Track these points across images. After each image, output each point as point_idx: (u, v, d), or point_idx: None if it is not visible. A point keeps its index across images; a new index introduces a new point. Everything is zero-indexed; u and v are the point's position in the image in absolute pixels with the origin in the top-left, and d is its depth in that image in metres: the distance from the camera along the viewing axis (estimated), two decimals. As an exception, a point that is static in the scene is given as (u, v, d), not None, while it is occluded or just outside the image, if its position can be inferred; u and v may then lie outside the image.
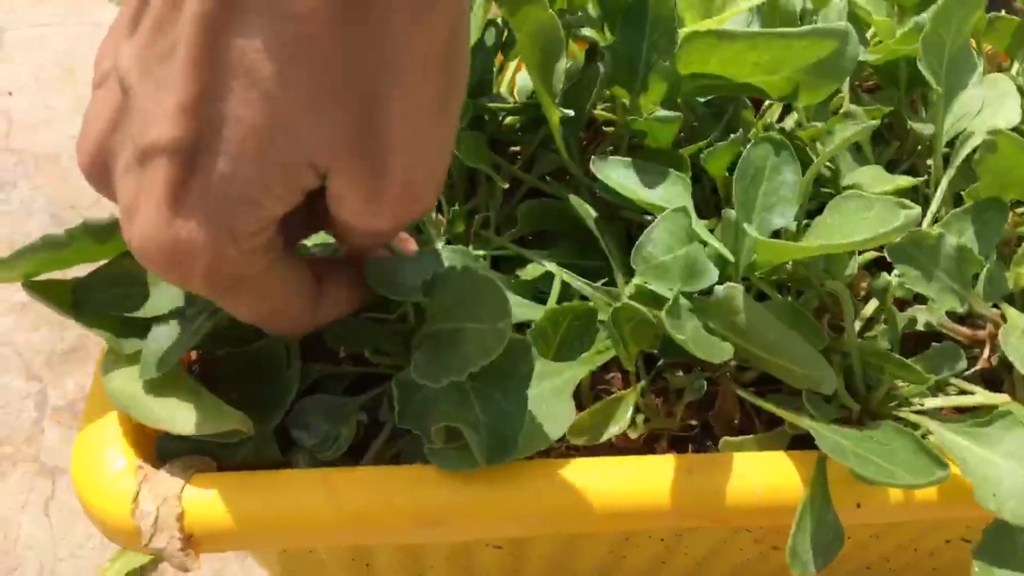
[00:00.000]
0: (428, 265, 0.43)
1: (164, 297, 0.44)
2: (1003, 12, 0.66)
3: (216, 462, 0.44)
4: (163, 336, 0.43)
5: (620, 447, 0.49)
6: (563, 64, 0.45)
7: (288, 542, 0.41)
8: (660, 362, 0.51)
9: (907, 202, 0.39)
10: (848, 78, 0.57)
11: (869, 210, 0.42)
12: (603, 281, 0.52)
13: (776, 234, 0.48)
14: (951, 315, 0.48)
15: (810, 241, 0.41)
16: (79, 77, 1.09)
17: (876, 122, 0.45)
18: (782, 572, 0.62)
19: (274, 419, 0.44)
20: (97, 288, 0.43)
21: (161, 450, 0.44)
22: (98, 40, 0.35)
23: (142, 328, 0.43)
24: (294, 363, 0.45)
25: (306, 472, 0.42)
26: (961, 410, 0.47)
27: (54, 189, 0.96)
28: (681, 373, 0.50)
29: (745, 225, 0.43)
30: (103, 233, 0.41)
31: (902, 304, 0.50)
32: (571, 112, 0.47)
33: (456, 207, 0.54)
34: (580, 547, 0.53)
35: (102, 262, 0.44)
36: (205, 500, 0.40)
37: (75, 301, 0.43)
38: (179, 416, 0.40)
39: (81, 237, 0.40)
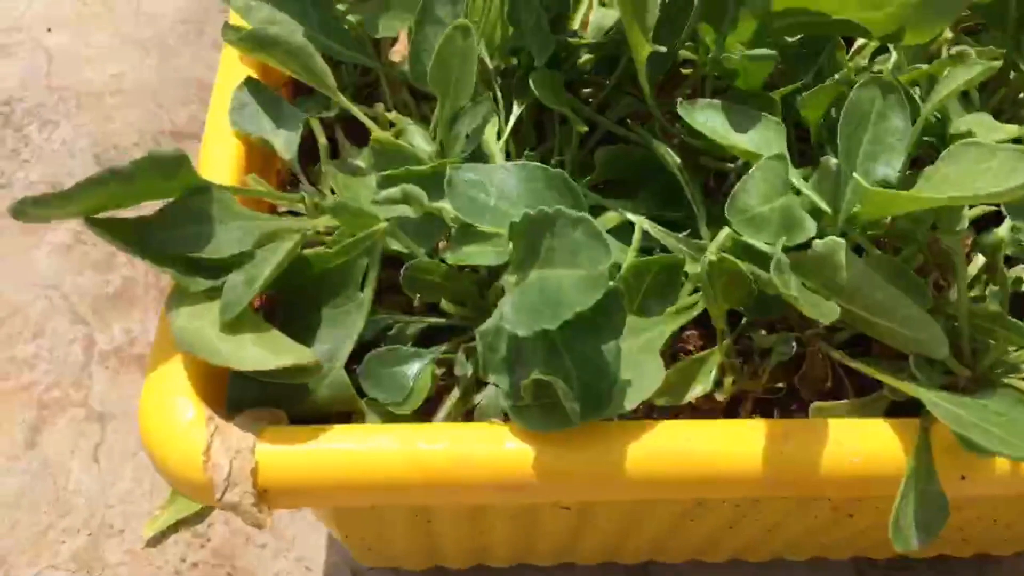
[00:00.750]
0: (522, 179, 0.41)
1: (232, 237, 0.42)
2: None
3: (289, 409, 0.42)
4: (238, 280, 0.40)
5: (702, 409, 0.46)
6: (658, -2, 0.41)
7: (363, 500, 0.40)
8: (743, 320, 0.48)
9: (1042, 153, 0.35)
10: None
11: (991, 160, 0.39)
12: (686, 233, 0.49)
13: (880, 184, 0.45)
14: (1065, 276, 0.45)
15: (929, 191, 0.38)
16: (119, 13, 1.06)
17: (998, 63, 0.42)
18: (851, 539, 0.60)
19: (345, 349, 0.42)
20: (162, 227, 0.41)
21: (232, 397, 0.42)
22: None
23: (208, 267, 0.41)
24: (370, 279, 0.42)
25: (383, 427, 0.40)
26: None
27: (97, 128, 0.93)
28: (765, 332, 0.48)
29: (853, 175, 0.40)
30: (170, 167, 0.39)
31: (1009, 262, 0.47)
32: (663, 48, 0.43)
33: (526, 152, 0.51)
34: (650, 511, 0.51)
35: (164, 201, 0.42)
36: (279, 455, 0.38)
37: (139, 239, 0.41)
38: (245, 354, 0.38)
39: (147, 170, 0.38)
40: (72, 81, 0.97)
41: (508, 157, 0.53)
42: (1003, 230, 0.44)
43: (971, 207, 0.46)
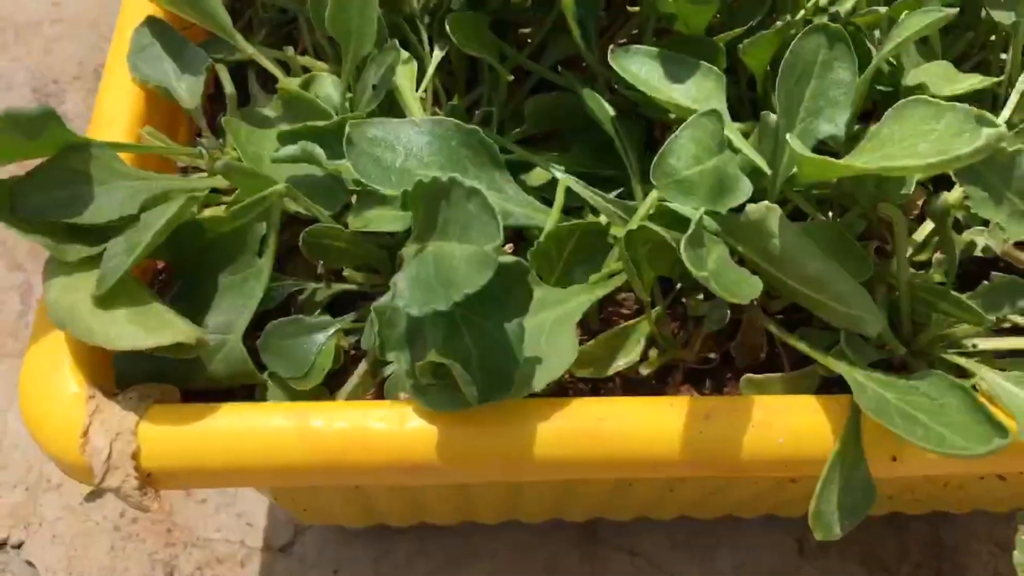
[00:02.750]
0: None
1: (113, 200, 0.38)
2: None
3: (181, 385, 0.40)
4: (118, 248, 0.38)
5: (633, 379, 0.44)
6: (579, -68, 0.37)
7: (256, 482, 0.38)
8: (679, 285, 0.45)
9: (987, 115, 0.32)
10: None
11: (938, 120, 0.35)
12: (619, 191, 0.46)
13: (824, 143, 0.41)
14: (1018, 243, 0.42)
15: (864, 159, 0.35)
16: (60, -64, 0.99)
17: (954, 11, 0.38)
18: (796, 502, 0.58)
19: (242, 320, 0.39)
20: (34, 189, 0.38)
21: (120, 372, 0.39)
22: None
23: (88, 234, 0.38)
24: (268, 245, 0.40)
25: (275, 406, 0.37)
26: (1019, 353, 0.41)
27: (35, 62, 0.89)
28: (702, 298, 0.45)
29: (787, 136, 0.36)
30: (33, 125, 0.36)
31: (960, 226, 0.44)
32: (588, -10, 0.39)
33: (454, 100, 0.48)
34: (581, 484, 0.49)
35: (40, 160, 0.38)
36: (163, 435, 0.36)
37: (12, 204, 0.38)
38: (119, 331, 0.35)
39: (6, 130, 0.35)
40: (9, 10, 0.92)
41: (436, 102, 0.49)
42: (953, 195, 0.40)
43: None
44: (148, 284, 0.42)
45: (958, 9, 0.38)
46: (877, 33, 0.48)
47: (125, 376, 0.39)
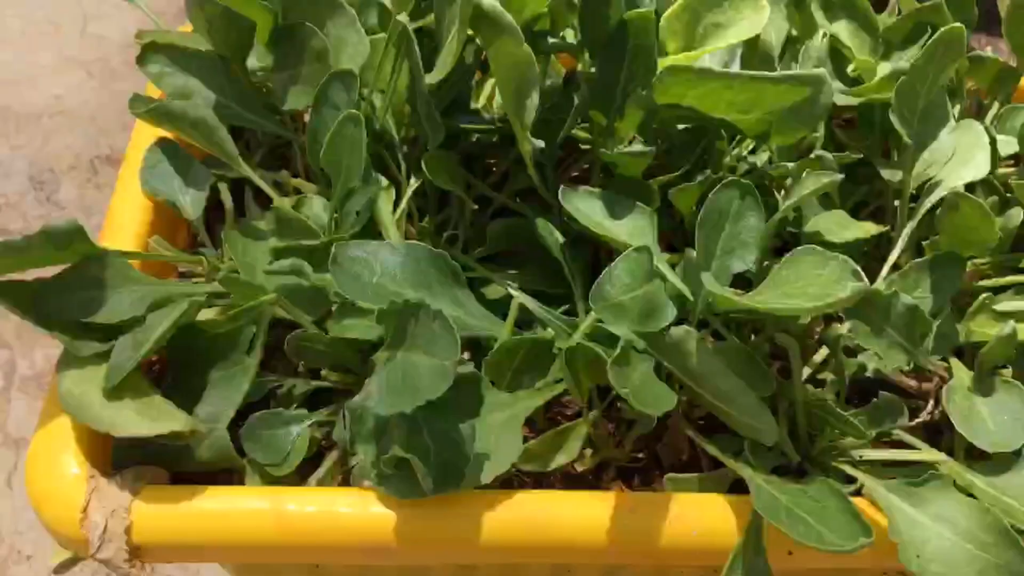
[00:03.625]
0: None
1: (124, 303, 0.44)
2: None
3: (171, 469, 0.45)
4: (126, 344, 0.43)
5: (572, 474, 0.50)
6: (535, 99, 0.45)
7: (233, 558, 0.42)
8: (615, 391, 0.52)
9: (859, 272, 0.39)
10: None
11: (824, 267, 0.43)
12: (566, 308, 0.53)
13: (738, 276, 0.49)
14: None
15: (761, 297, 0.42)
16: (65, 33, 1.07)
17: (840, 176, 0.46)
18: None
19: (228, 411, 0.44)
20: (56, 292, 0.43)
21: (118, 456, 0.45)
22: None
23: (100, 331, 0.44)
24: (257, 346, 0.45)
25: (253, 489, 0.43)
26: (901, 463, 0.48)
27: (34, 151, 0.95)
28: (633, 403, 0.51)
29: (702, 274, 0.44)
30: (62, 239, 0.42)
31: (854, 351, 0.51)
32: (541, 144, 0.47)
33: (425, 222, 0.55)
34: (525, 570, 0.54)
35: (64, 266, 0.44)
36: (153, 513, 0.41)
37: (33, 304, 0.43)
38: (125, 420, 0.41)
39: (40, 243, 0.41)
40: (12, 101, 0.99)
41: (410, 219, 0.56)
42: (844, 326, 0.48)
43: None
44: (144, 376, 0.48)
45: (842, 177, 0.46)
46: (789, 181, 0.57)
47: (122, 458, 0.44)
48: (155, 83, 0.52)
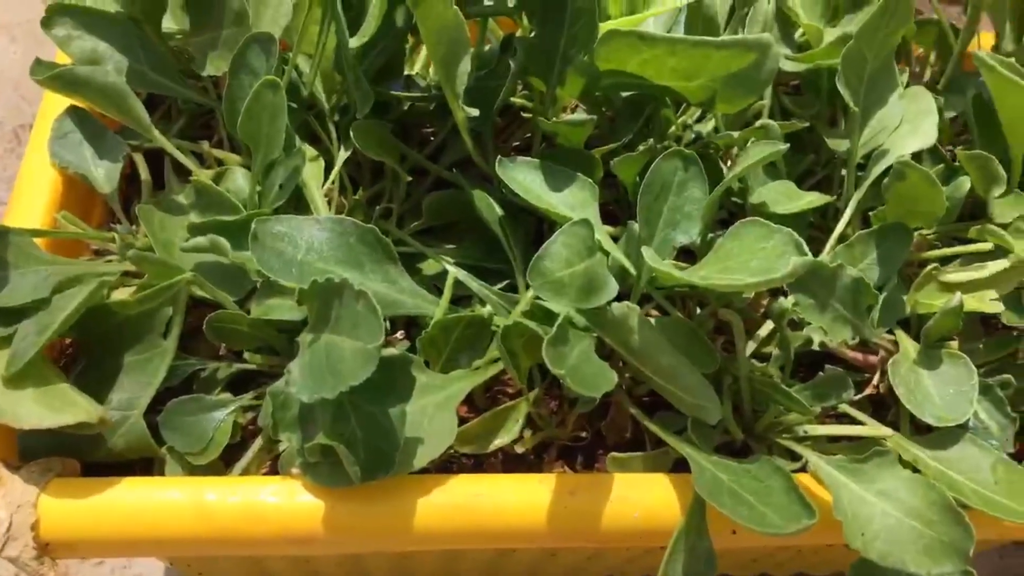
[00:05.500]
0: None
1: (26, 284, 0.41)
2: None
3: (85, 460, 0.42)
4: (29, 329, 0.40)
5: (513, 455, 0.48)
6: (467, 64, 0.42)
7: (151, 553, 0.40)
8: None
9: (802, 244, 0.38)
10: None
11: (768, 240, 0.41)
12: (505, 284, 0.51)
13: (683, 248, 0.47)
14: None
15: (703, 272, 0.41)
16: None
17: (785, 146, 0.44)
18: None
19: (144, 397, 0.42)
20: (-50, 274, 0.40)
21: (25, 446, 0.42)
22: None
23: (3, 315, 0.41)
24: (174, 327, 0.43)
25: (170, 480, 0.40)
26: (847, 438, 0.47)
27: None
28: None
29: (643, 248, 0.42)
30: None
31: (800, 325, 0.50)
32: (475, 112, 0.45)
33: (358, 194, 0.52)
34: (467, 551, 0.52)
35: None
36: (62, 508, 0.39)
37: (-73, 287, 0.40)
38: (24, 411, 0.38)
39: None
40: (-72, 68, 0.93)
41: (342, 192, 0.53)
42: (790, 300, 0.46)
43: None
44: (55, 360, 0.45)
45: (787, 146, 0.45)
46: (736, 150, 0.55)
47: (29, 450, 0.41)
48: (62, 47, 0.49)
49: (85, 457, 0.42)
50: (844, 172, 0.55)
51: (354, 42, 0.43)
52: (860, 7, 0.61)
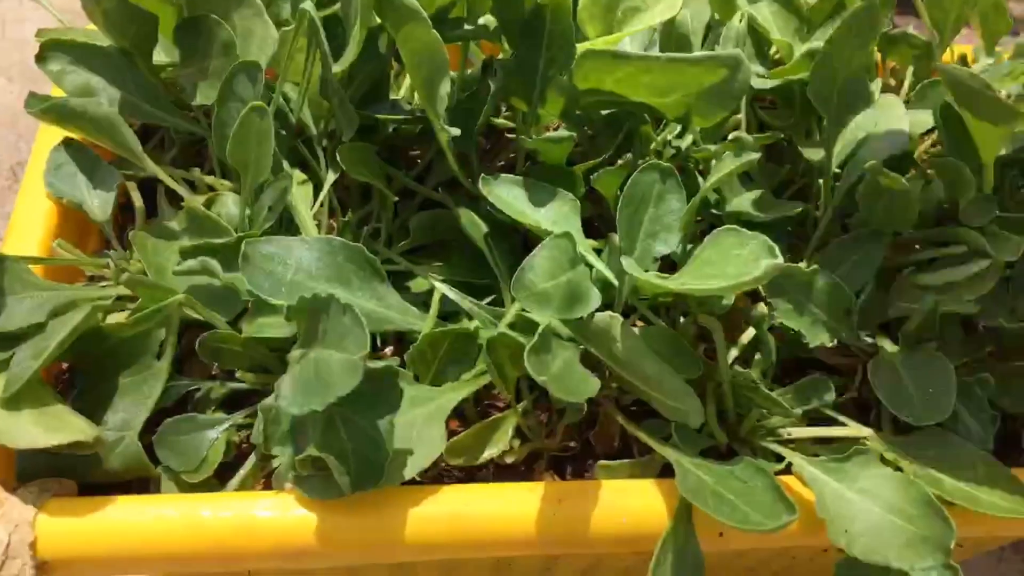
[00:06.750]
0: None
1: (22, 309, 0.42)
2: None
3: (81, 480, 0.43)
4: (25, 354, 0.41)
5: (504, 466, 0.49)
6: (447, 86, 0.44)
7: (148, 570, 0.41)
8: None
9: (775, 248, 0.39)
10: (744, 97, 0.57)
11: (744, 247, 0.42)
12: (492, 298, 0.52)
13: (665, 260, 0.48)
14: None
15: (682, 279, 0.42)
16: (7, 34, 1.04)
17: (758, 155, 0.46)
18: None
19: (139, 418, 0.43)
20: (-52, 301, 0.41)
21: (22, 468, 0.43)
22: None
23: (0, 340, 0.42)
24: (167, 349, 0.44)
25: (164, 497, 0.41)
26: (830, 440, 0.48)
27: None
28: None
29: (623, 259, 0.43)
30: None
31: (782, 331, 0.51)
32: (457, 131, 0.46)
33: (348, 216, 0.53)
34: (464, 564, 0.53)
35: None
36: (60, 527, 0.39)
37: (-75, 314, 0.41)
38: (21, 432, 0.39)
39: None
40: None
41: (331, 214, 0.55)
42: (767, 307, 0.48)
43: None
44: (51, 383, 0.46)
45: (760, 156, 0.46)
46: (713, 163, 0.57)
47: (26, 471, 0.42)
48: (56, 82, 0.50)
49: (81, 478, 0.43)
50: (820, 181, 0.56)
51: (337, 67, 0.45)
52: (832, 21, 0.63)
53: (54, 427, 0.38)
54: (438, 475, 0.48)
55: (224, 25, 0.48)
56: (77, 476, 0.42)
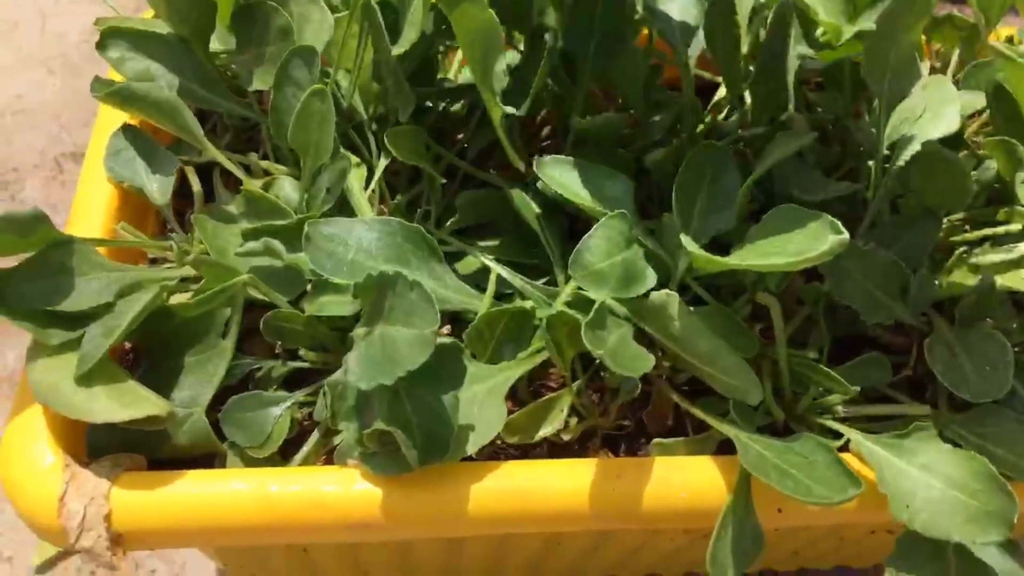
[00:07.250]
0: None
1: (91, 290, 0.43)
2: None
3: (149, 456, 0.44)
4: (96, 332, 0.42)
5: (558, 444, 0.49)
6: (503, 63, 0.44)
7: (216, 541, 0.42)
8: (598, 360, 0.51)
9: (838, 225, 0.39)
10: (793, 77, 0.57)
11: (804, 224, 0.43)
12: (545, 279, 0.52)
13: (716, 238, 0.48)
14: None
15: (740, 256, 0.42)
16: (24, 31, 1.05)
17: (813, 135, 0.46)
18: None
19: (205, 395, 0.44)
20: (21, 280, 0.42)
21: (92, 444, 0.44)
22: None
23: (68, 320, 0.43)
24: (232, 328, 0.45)
25: (234, 472, 0.42)
26: (885, 418, 0.48)
27: (-5, 151, 0.93)
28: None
29: (681, 236, 0.43)
30: (25, 226, 0.41)
31: (836, 309, 0.51)
32: (512, 110, 0.46)
33: (398, 198, 0.54)
34: (514, 541, 0.54)
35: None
36: (133, 500, 0.40)
37: (1, 293, 0.42)
38: (97, 406, 0.40)
39: (2, 230, 0.40)
40: (-29, 101, 0.96)
41: (381, 199, 0.55)
42: (825, 285, 0.48)
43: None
44: (117, 363, 0.47)
45: (815, 136, 0.46)
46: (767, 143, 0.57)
47: (97, 446, 0.43)
48: (116, 68, 0.51)
49: (150, 453, 0.43)
50: (871, 162, 0.56)
51: (396, 49, 0.45)
52: (881, 1, 0.62)
53: (128, 402, 0.39)
54: (494, 452, 0.48)
55: (281, 11, 0.49)
56: (146, 452, 0.43)
